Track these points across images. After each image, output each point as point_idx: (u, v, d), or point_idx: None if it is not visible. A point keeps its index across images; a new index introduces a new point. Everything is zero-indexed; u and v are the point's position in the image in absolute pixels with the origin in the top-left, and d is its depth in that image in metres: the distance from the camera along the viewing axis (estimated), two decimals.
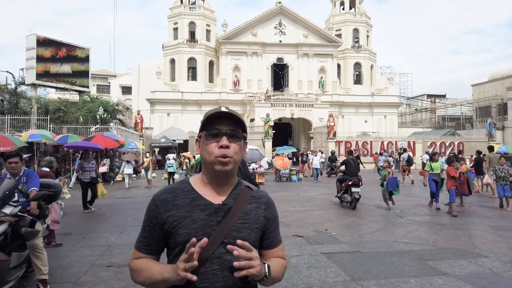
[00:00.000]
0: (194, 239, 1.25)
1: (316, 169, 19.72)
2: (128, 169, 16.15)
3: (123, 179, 16.99)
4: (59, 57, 26.15)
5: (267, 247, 1.50)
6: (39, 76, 24.91)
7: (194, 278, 1.24)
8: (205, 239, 1.27)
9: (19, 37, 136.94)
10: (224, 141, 1.39)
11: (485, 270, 5.32)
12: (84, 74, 27.77)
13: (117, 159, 20.58)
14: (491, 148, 15.36)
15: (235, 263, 1.26)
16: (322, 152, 23.83)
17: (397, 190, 10.57)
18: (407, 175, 18.64)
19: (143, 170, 18.65)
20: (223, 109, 1.42)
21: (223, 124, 1.41)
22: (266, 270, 1.33)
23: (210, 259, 1.34)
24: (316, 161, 19.93)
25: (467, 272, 5.20)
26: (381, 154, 25.09)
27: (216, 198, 1.42)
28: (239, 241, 1.29)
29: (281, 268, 1.49)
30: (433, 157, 10.79)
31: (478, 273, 5.19)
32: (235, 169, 1.46)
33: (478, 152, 14.60)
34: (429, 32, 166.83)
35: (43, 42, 25.44)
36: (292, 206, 11.22)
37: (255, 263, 1.28)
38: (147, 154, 19.35)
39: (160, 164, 27.61)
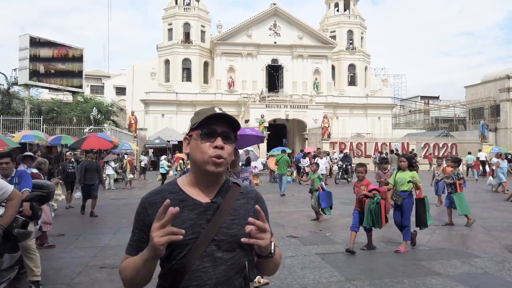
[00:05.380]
0: (168, 201, 1.21)
1: (322, 174, 15.32)
2: (108, 170, 16.09)
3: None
4: (52, 57, 25.98)
5: None
6: (32, 75, 24.71)
7: (182, 232, 1.21)
8: (176, 208, 1.21)
9: (11, 37, 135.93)
10: (219, 141, 1.39)
11: (477, 270, 5.36)
12: (78, 74, 27.59)
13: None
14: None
15: (243, 239, 1.27)
16: (328, 155, 20.71)
17: (329, 210, 8.57)
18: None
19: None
20: (217, 110, 1.42)
21: (217, 124, 1.41)
22: (272, 248, 1.34)
23: (201, 257, 1.34)
24: (322, 165, 15.78)
25: (460, 272, 5.23)
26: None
27: (204, 197, 1.42)
28: (250, 219, 1.28)
29: (280, 255, 1.52)
30: (400, 163, 6.78)
31: (471, 273, 5.23)
32: (225, 170, 1.46)
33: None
34: (423, 34, 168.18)
35: (36, 42, 25.27)
36: (287, 207, 11.24)
37: (266, 236, 1.29)
38: (126, 156, 19.24)
39: (154, 165, 27.49)
